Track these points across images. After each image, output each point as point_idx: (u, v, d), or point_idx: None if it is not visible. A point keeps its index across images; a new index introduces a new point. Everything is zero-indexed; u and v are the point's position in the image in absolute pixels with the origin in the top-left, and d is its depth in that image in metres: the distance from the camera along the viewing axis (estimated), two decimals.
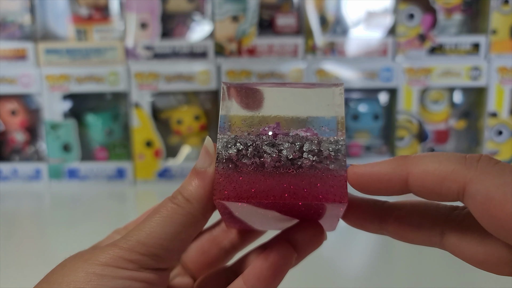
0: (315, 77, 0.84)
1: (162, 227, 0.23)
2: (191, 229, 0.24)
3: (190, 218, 0.24)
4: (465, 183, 0.19)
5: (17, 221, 0.72)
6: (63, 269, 0.23)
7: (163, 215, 0.23)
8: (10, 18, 0.85)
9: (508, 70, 0.83)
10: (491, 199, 0.18)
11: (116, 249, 0.23)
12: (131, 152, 0.87)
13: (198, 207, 0.24)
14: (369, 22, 0.85)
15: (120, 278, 0.22)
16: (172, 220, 0.23)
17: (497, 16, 0.82)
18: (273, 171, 0.23)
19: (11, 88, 0.84)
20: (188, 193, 0.24)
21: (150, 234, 0.23)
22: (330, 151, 0.23)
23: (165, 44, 0.83)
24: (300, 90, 0.25)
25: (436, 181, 0.20)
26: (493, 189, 0.18)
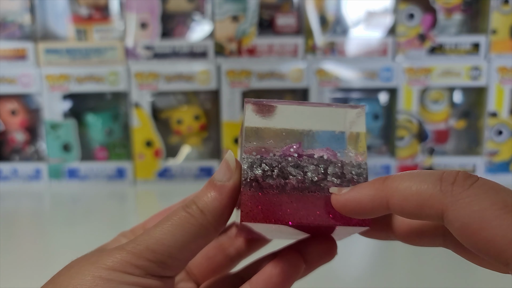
0: (315, 77, 0.84)
1: (173, 235, 0.23)
2: (201, 241, 0.24)
3: (201, 230, 0.23)
4: (442, 210, 0.19)
5: (17, 221, 0.72)
6: (70, 271, 0.23)
7: (175, 223, 0.23)
8: (10, 18, 0.85)
9: (508, 70, 0.83)
10: (467, 227, 0.18)
11: (123, 253, 0.22)
12: (131, 152, 0.87)
13: (211, 220, 0.24)
14: (369, 22, 0.85)
15: (125, 284, 0.22)
16: (184, 229, 0.23)
17: (497, 16, 0.82)
18: (298, 192, 0.23)
19: (11, 88, 0.84)
20: (203, 204, 0.24)
21: (159, 241, 0.23)
22: (353, 174, 0.23)
23: (165, 44, 0.83)
24: (321, 109, 0.25)
25: (415, 208, 0.20)
26: (468, 217, 0.18)
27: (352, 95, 0.91)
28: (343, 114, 0.25)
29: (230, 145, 0.85)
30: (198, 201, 0.24)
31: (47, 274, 0.23)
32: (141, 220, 0.29)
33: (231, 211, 0.24)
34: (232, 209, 0.24)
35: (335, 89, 0.86)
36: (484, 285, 0.47)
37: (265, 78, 0.84)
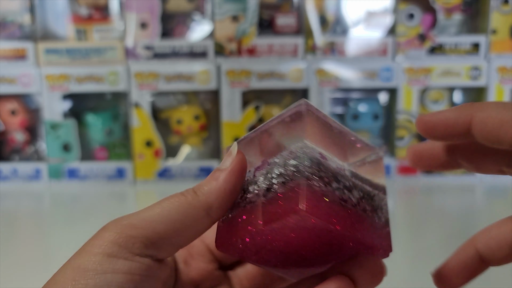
0: (315, 77, 0.84)
1: (159, 211, 0.22)
2: (187, 220, 0.22)
3: (189, 208, 0.22)
4: (471, 114, 0.22)
5: (17, 221, 0.72)
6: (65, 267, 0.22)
7: (162, 202, 0.23)
8: (10, 18, 0.85)
9: (508, 70, 0.84)
10: (488, 118, 0.21)
11: (104, 232, 0.21)
12: (131, 152, 0.87)
13: (203, 200, 0.23)
14: (369, 22, 0.85)
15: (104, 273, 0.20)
16: (170, 206, 0.22)
17: (497, 16, 0.82)
18: None
19: (11, 88, 0.84)
20: (198, 186, 0.23)
21: (143, 216, 0.22)
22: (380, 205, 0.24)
23: (165, 44, 0.84)
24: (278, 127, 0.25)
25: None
26: (491, 112, 0.21)
27: (352, 95, 0.91)
28: None
29: None
30: (195, 186, 0.24)
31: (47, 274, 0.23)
32: None
33: (227, 197, 0.23)
34: (229, 196, 0.23)
35: (335, 89, 0.86)
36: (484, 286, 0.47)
37: (265, 78, 0.84)
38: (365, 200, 0.23)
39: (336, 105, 0.90)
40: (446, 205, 0.76)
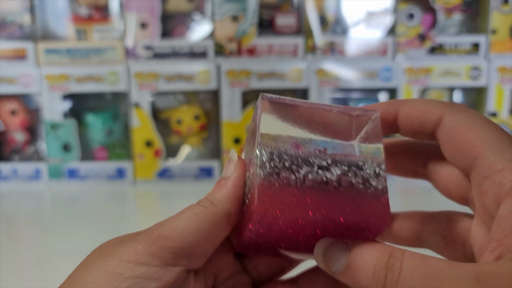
0: (315, 77, 0.84)
1: (186, 221, 0.23)
2: (214, 228, 0.24)
3: (213, 217, 0.24)
4: (441, 116, 0.23)
5: (17, 221, 0.73)
6: (86, 266, 0.22)
7: (186, 212, 0.24)
8: (10, 18, 0.85)
9: (508, 70, 0.84)
10: (457, 127, 0.22)
11: (136, 243, 0.22)
12: (131, 152, 0.87)
13: (221, 208, 0.24)
14: (369, 22, 0.85)
15: (139, 278, 0.21)
16: (196, 217, 0.23)
17: (497, 16, 0.83)
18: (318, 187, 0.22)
19: (11, 88, 0.84)
20: (212, 197, 0.25)
21: (173, 227, 0.23)
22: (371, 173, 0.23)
23: (165, 44, 0.84)
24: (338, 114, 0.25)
25: (419, 115, 0.24)
26: (460, 121, 0.22)
27: (352, 95, 0.91)
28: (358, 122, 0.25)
29: (230, 145, 0.86)
30: (208, 196, 0.25)
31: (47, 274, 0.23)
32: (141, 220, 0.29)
33: (239, 202, 0.25)
34: (240, 201, 0.25)
35: (335, 89, 0.86)
36: None
37: (265, 78, 0.84)
38: (352, 173, 0.23)
39: None
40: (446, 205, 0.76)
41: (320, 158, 0.23)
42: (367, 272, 0.20)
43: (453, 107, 0.23)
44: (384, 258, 0.20)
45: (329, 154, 0.23)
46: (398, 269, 0.19)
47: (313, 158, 0.23)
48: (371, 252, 0.20)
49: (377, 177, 0.23)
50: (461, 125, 0.22)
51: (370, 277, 0.20)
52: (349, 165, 0.23)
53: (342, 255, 0.21)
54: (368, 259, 0.20)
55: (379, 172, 0.23)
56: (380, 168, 0.23)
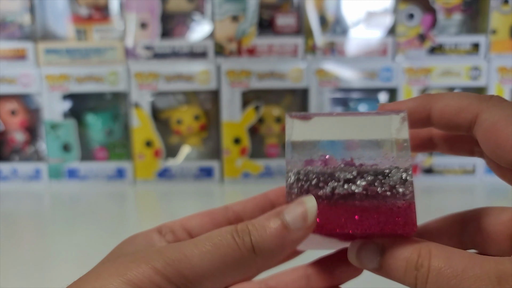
0: (315, 77, 0.84)
1: (211, 264, 0.20)
2: (238, 276, 0.21)
3: (245, 268, 0.21)
4: (477, 113, 0.22)
5: (17, 221, 0.73)
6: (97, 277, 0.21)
7: (217, 249, 0.21)
8: (10, 18, 0.85)
9: (508, 70, 0.84)
10: (495, 124, 0.21)
11: (151, 271, 0.20)
12: (131, 152, 0.87)
13: (260, 262, 0.21)
14: (369, 22, 0.85)
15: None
16: (225, 260, 0.20)
17: (497, 16, 0.83)
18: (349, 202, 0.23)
19: (11, 88, 0.84)
20: (258, 239, 0.21)
21: (195, 267, 0.20)
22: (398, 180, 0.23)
23: (165, 44, 0.84)
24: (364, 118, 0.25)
25: (454, 112, 0.23)
26: (498, 117, 0.21)
27: (352, 95, 0.91)
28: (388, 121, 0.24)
29: (230, 145, 0.86)
30: (254, 232, 0.21)
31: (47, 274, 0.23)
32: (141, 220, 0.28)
33: (283, 259, 0.23)
34: (285, 259, 0.23)
35: (335, 89, 0.86)
36: None
37: (265, 78, 0.84)
38: (378, 182, 0.23)
39: (336, 105, 0.90)
40: (446, 205, 0.76)
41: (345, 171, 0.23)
42: (400, 271, 0.21)
43: (488, 102, 0.22)
44: (413, 258, 0.20)
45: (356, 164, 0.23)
46: (427, 270, 0.20)
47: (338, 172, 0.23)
48: (401, 253, 0.21)
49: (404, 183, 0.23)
50: (499, 121, 0.21)
51: (403, 276, 0.21)
52: (375, 174, 0.23)
53: (374, 256, 0.22)
54: (399, 260, 0.21)
55: (406, 178, 0.23)
56: (407, 173, 0.23)
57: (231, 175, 0.87)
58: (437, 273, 0.19)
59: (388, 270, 0.21)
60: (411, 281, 0.20)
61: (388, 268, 0.21)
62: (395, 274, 0.21)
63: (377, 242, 0.22)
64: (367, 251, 0.22)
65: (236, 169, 0.87)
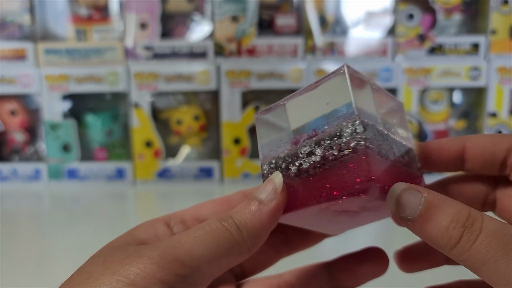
0: (314, 77, 0.84)
1: (205, 246, 0.21)
2: (232, 258, 0.22)
3: (235, 247, 0.22)
4: (508, 149, 0.23)
5: (17, 221, 0.73)
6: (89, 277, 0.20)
7: (208, 234, 0.21)
8: (10, 18, 0.85)
9: (507, 70, 0.84)
10: None
11: (148, 263, 0.20)
12: (130, 152, 0.87)
13: (247, 238, 0.22)
14: (369, 22, 0.85)
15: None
16: (217, 242, 0.21)
17: (496, 16, 0.83)
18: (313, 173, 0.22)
19: (10, 88, 0.85)
20: (240, 220, 0.22)
21: (190, 251, 0.21)
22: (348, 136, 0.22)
23: (165, 44, 0.84)
24: (314, 92, 0.25)
25: (489, 144, 0.23)
26: None
27: None
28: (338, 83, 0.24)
29: (230, 145, 0.86)
30: (236, 216, 0.22)
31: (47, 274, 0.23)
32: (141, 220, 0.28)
33: (268, 233, 0.23)
34: (270, 231, 0.23)
35: None
36: None
37: (265, 78, 0.84)
38: (333, 144, 0.22)
39: None
40: None
41: (306, 145, 0.23)
42: (441, 225, 0.19)
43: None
44: (463, 216, 0.19)
45: (318, 135, 0.23)
46: (478, 230, 0.19)
47: (301, 148, 0.23)
48: (450, 206, 0.20)
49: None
50: None
51: (444, 230, 0.19)
52: (331, 138, 0.22)
53: (417, 202, 0.20)
54: (446, 212, 0.20)
55: (355, 130, 0.22)
56: (356, 125, 0.22)
57: (231, 175, 0.87)
58: (491, 236, 0.18)
59: (426, 222, 0.20)
60: (454, 237, 0.19)
61: (428, 220, 0.20)
62: (433, 228, 0.20)
63: (423, 191, 0.21)
64: (411, 196, 0.20)
65: (236, 169, 0.87)
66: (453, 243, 0.19)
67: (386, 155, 0.22)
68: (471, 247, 0.19)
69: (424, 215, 0.20)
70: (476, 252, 0.19)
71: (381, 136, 0.23)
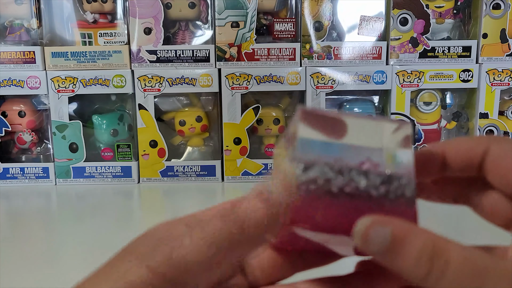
0: (311, 80, 0.86)
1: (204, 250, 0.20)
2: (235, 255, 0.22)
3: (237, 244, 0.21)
4: (488, 145, 0.23)
5: (25, 219, 0.73)
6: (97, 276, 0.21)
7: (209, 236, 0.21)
8: (18, 22, 0.86)
9: (498, 73, 0.85)
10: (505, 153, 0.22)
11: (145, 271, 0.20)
12: (136, 152, 0.89)
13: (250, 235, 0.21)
14: (364, 27, 0.86)
15: None
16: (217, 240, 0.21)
17: (488, 20, 0.84)
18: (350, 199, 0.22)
19: (19, 90, 0.86)
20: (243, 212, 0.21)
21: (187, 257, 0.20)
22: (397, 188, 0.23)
23: (168, 49, 0.85)
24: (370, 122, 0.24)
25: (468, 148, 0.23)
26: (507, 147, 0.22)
27: (347, 98, 0.93)
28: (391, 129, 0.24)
29: (230, 145, 0.87)
30: (239, 208, 0.21)
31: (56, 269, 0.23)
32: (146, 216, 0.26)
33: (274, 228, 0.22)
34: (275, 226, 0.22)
35: (330, 92, 0.87)
36: None
37: (264, 82, 0.85)
38: (385, 184, 0.22)
39: (331, 107, 0.92)
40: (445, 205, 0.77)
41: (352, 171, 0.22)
42: (409, 258, 0.19)
43: (498, 139, 0.23)
44: (429, 247, 0.19)
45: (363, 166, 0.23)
46: (446, 261, 0.18)
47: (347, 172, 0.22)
48: (416, 238, 0.19)
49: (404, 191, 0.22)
50: (509, 151, 0.22)
51: (413, 264, 0.19)
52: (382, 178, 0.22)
53: (384, 237, 0.19)
54: (412, 245, 0.19)
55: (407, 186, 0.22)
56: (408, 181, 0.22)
57: (232, 173, 0.89)
58: (458, 266, 0.18)
59: (396, 256, 0.19)
60: (422, 271, 0.19)
61: (395, 254, 0.19)
62: (401, 262, 0.19)
63: (388, 225, 0.20)
64: (377, 232, 0.20)
65: (236, 168, 0.89)
66: (424, 276, 0.19)
67: None
68: (442, 279, 0.18)
69: (391, 250, 0.19)
70: (448, 283, 0.18)
71: None
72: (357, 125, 0.24)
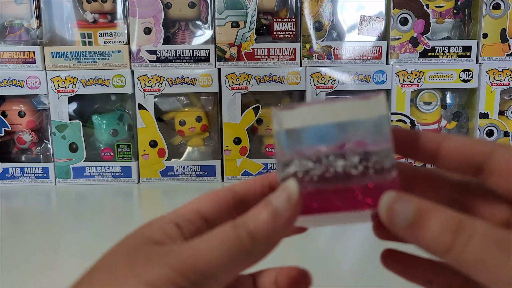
0: (311, 80, 0.86)
1: (221, 256, 0.21)
2: (245, 265, 0.22)
3: (248, 255, 0.22)
4: (492, 149, 0.22)
5: (25, 218, 0.73)
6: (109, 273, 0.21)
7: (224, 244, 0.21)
8: (17, 22, 0.86)
9: (498, 72, 0.85)
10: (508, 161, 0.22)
11: (167, 270, 0.21)
12: (135, 152, 0.89)
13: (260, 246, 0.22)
14: (364, 27, 0.87)
15: None
16: (232, 252, 0.21)
17: (488, 20, 0.84)
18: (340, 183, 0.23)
19: (18, 90, 0.86)
20: (254, 228, 0.22)
21: (207, 261, 0.21)
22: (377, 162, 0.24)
23: (168, 48, 0.85)
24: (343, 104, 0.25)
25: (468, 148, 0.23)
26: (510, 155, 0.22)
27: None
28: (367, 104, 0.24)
29: (230, 145, 0.87)
30: (250, 223, 0.22)
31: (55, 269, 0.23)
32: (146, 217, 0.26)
33: (281, 240, 0.23)
34: (282, 238, 0.23)
35: (330, 92, 0.87)
36: None
37: (264, 81, 0.85)
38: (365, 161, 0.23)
39: None
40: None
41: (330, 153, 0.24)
42: (433, 231, 0.19)
43: (502, 144, 0.23)
44: (454, 220, 0.19)
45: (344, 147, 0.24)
46: (471, 232, 0.19)
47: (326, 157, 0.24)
48: (440, 211, 0.20)
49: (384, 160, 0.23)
50: None
51: (436, 236, 0.19)
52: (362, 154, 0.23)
53: (408, 210, 0.20)
54: (436, 218, 0.20)
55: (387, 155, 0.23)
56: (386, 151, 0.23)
57: (232, 173, 0.89)
58: (484, 236, 0.19)
59: (418, 229, 0.20)
60: (447, 242, 0.19)
61: (419, 227, 0.20)
62: (425, 234, 0.20)
63: (413, 196, 0.21)
64: (401, 205, 0.21)
65: (236, 168, 0.89)
66: (447, 248, 0.19)
67: None
68: (466, 250, 0.19)
69: (416, 222, 0.20)
70: (472, 254, 0.19)
71: None
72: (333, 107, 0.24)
